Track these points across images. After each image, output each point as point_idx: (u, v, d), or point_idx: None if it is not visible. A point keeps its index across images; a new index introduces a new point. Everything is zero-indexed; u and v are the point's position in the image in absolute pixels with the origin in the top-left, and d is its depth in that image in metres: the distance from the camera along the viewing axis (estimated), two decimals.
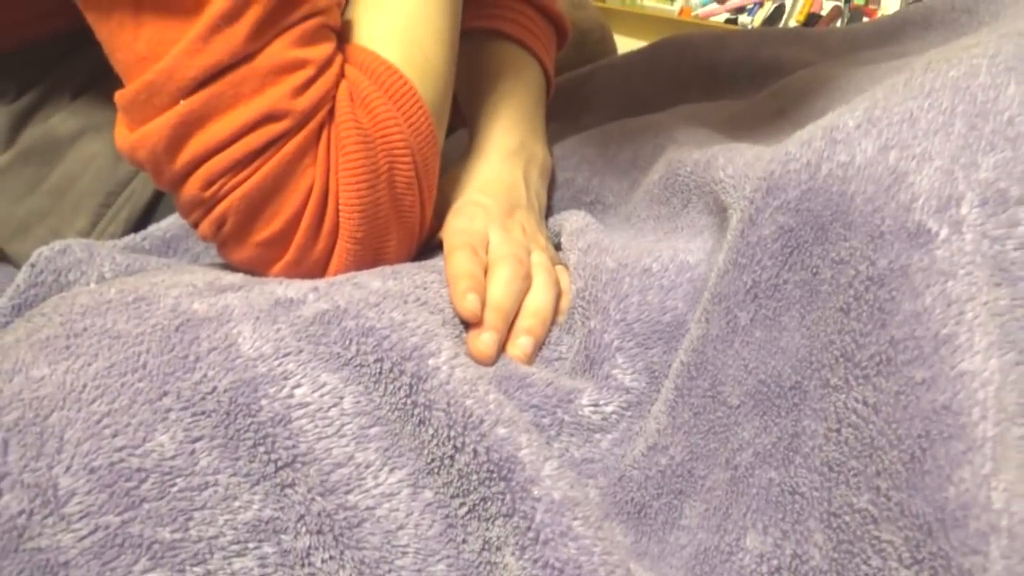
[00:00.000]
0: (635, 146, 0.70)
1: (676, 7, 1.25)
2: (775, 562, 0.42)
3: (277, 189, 0.51)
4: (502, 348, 0.52)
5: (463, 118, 0.74)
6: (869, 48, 0.80)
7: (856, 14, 1.21)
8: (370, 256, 0.55)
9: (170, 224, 0.66)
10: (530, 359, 0.52)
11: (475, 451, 0.42)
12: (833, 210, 0.43)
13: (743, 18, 1.22)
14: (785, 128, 0.63)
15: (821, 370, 0.42)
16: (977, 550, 0.34)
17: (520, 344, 0.52)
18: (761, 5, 1.25)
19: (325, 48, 0.53)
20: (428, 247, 0.60)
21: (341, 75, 0.54)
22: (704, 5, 1.27)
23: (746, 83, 0.84)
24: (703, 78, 0.88)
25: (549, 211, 0.71)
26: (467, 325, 0.52)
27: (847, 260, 0.41)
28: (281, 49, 0.50)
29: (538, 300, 0.55)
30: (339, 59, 0.54)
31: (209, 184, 0.50)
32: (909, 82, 0.46)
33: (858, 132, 0.44)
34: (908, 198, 0.40)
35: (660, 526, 0.46)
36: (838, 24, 1.19)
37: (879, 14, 1.21)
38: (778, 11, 1.22)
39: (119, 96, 0.50)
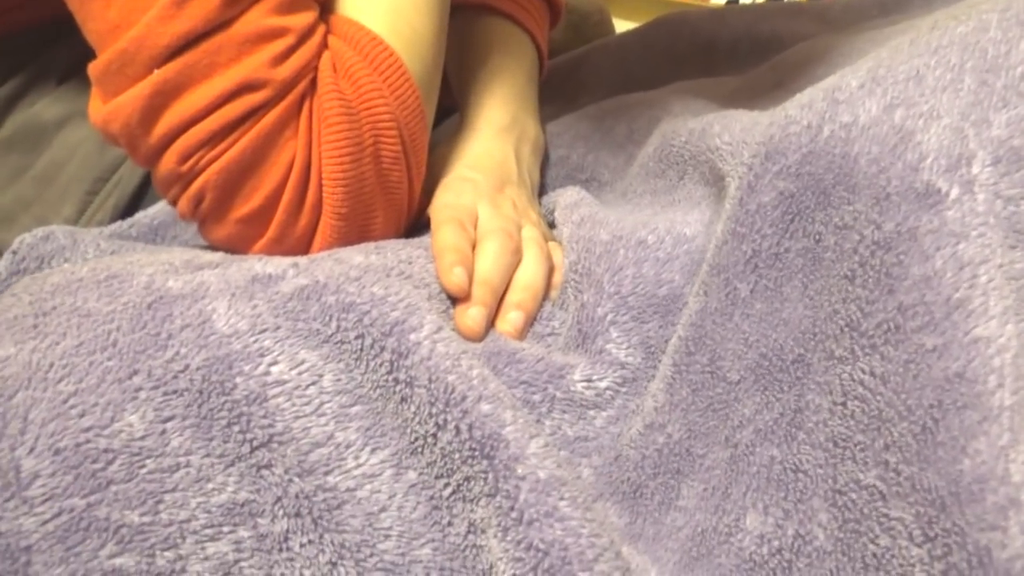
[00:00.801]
0: (630, 119, 0.68)
1: None
2: (776, 543, 0.40)
3: (257, 162, 0.49)
4: (491, 323, 0.50)
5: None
6: (873, 19, 0.78)
7: None
8: (355, 233, 0.53)
9: (158, 211, 0.64)
10: (521, 334, 0.50)
11: (457, 428, 0.40)
12: (836, 173, 0.41)
13: None
14: (784, 100, 0.61)
15: (825, 341, 0.40)
16: (995, 525, 0.32)
17: (510, 319, 0.50)
18: None
19: (306, 16, 0.50)
20: (417, 225, 0.59)
21: (324, 45, 0.52)
22: None
23: (745, 59, 0.82)
24: (701, 56, 0.85)
25: (544, 189, 0.69)
26: (454, 300, 0.50)
27: (851, 225, 0.39)
28: (259, 16, 0.48)
29: (529, 274, 0.53)
30: (321, 28, 0.52)
31: (186, 158, 0.48)
32: (915, 41, 0.44)
33: (861, 92, 0.42)
34: (916, 158, 0.38)
35: (656, 507, 0.44)
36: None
37: None
38: None
39: (92, 67, 0.48)
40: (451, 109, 0.73)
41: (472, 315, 0.48)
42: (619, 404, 0.47)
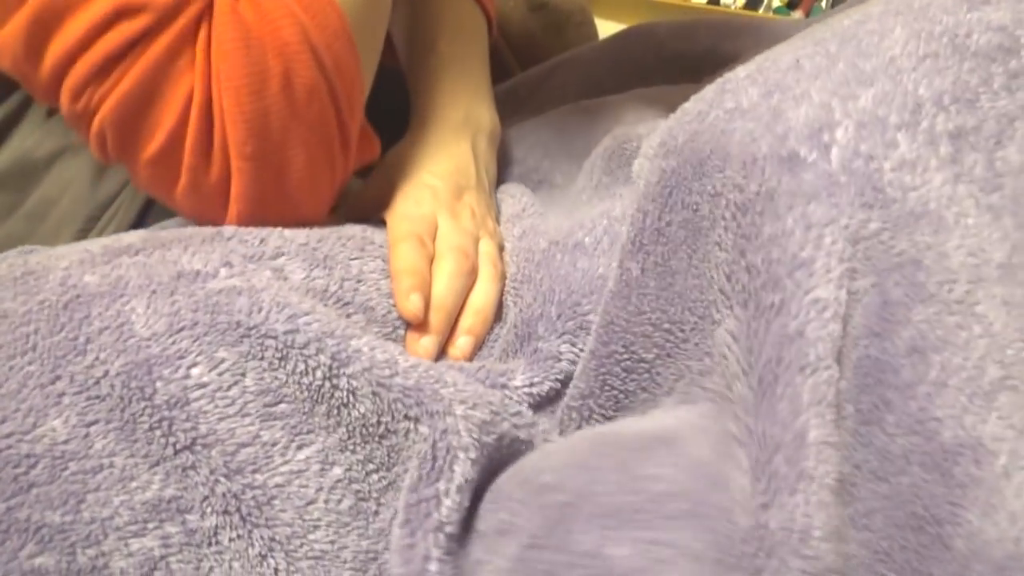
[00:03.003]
0: (588, 130, 0.69)
1: None
2: None
3: (150, 97, 0.46)
4: (442, 349, 0.51)
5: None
6: None
7: None
8: (271, 176, 0.49)
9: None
10: (469, 359, 0.51)
11: (407, 432, 0.42)
12: (712, 146, 0.42)
13: None
14: None
15: (708, 308, 0.41)
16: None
17: (460, 345, 0.51)
18: None
19: None
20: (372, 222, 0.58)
21: None
22: None
23: (710, 76, 0.83)
24: (668, 69, 0.87)
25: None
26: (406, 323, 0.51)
27: (721, 192, 0.41)
28: None
29: (481, 297, 0.53)
30: None
31: (78, 95, 0.46)
32: (804, 35, 0.46)
33: (746, 81, 0.44)
34: (784, 130, 0.40)
35: None
36: (822, 4, 1.18)
37: None
38: None
39: None
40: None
41: (424, 344, 0.49)
42: (563, 403, 0.49)
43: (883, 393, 0.36)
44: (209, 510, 0.41)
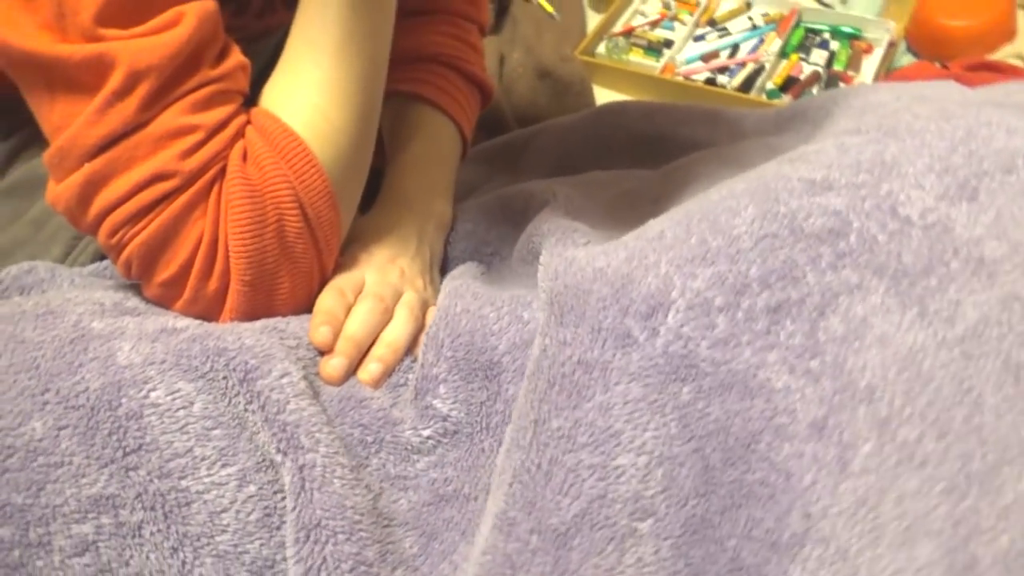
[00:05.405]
0: (525, 202, 0.77)
1: (660, 64, 1.34)
2: None
3: (170, 239, 0.60)
4: (351, 372, 0.61)
5: None
6: (770, 134, 0.87)
7: (833, 80, 1.27)
8: (262, 297, 0.63)
9: None
10: (377, 384, 0.61)
11: (277, 471, 0.53)
12: (573, 303, 0.53)
13: (722, 78, 1.30)
14: (655, 213, 0.72)
15: (515, 433, 0.52)
16: None
17: (369, 369, 0.62)
18: (743, 66, 1.34)
19: (219, 112, 0.60)
20: None
21: (237, 136, 0.62)
22: (688, 63, 1.35)
23: (666, 157, 0.92)
24: (633, 148, 0.95)
25: (455, 261, 0.79)
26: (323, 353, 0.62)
27: (568, 342, 0.51)
28: (172, 117, 0.58)
29: (392, 333, 0.64)
30: (237, 121, 0.62)
31: (114, 233, 0.59)
32: (684, 208, 0.56)
33: (617, 245, 0.54)
34: (628, 302, 0.50)
35: (440, 553, 0.56)
36: (814, 90, 1.28)
37: (856, 81, 1.29)
38: (757, 72, 1.30)
39: (44, 157, 0.60)
40: None
41: (333, 364, 0.60)
42: (440, 453, 0.59)
43: (707, 548, 0.46)
44: (139, 506, 0.52)
